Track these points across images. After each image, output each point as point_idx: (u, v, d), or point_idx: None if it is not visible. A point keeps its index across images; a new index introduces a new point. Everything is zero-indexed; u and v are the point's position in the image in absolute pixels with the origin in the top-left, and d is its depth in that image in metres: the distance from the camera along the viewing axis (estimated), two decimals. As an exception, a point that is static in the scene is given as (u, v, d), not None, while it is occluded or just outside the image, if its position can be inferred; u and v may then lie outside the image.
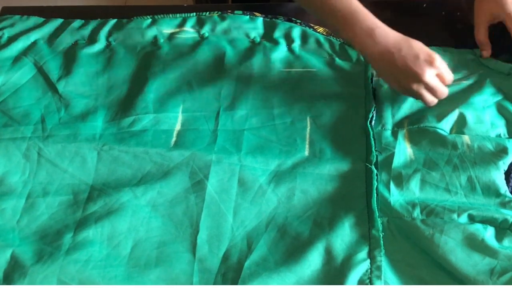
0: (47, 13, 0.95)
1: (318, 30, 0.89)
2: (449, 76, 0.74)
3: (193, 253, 0.66)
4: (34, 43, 0.90)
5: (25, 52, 0.89)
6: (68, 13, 0.95)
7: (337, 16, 0.75)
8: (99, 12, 0.95)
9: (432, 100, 0.74)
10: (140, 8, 0.96)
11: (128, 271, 0.65)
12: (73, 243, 0.67)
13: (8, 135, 0.77)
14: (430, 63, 0.71)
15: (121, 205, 0.70)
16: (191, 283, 0.64)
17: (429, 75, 0.71)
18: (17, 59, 0.87)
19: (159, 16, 0.92)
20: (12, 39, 0.90)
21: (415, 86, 0.72)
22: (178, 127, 0.78)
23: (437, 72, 0.72)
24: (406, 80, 0.72)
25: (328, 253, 0.65)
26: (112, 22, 0.92)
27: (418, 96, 0.74)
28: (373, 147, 0.73)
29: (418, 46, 0.72)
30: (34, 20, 0.93)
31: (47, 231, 0.69)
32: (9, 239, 0.68)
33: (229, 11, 0.92)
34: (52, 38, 0.91)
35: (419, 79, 0.71)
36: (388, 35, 0.73)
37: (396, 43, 0.72)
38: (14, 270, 0.65)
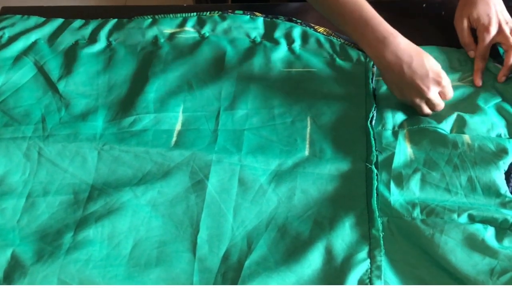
0: (47, 13, 0.95)
1: (319, 30, 0.89)
2: (451, 94, 0.76)
3: (193, 252, 0.66)
4: (35, 42, 0.90)
5: (26, 52, 0.89)
6: (68, 13, 0.95)
7: (348, 23, 0.75)
8: (99, 12, 0.95)
9: (428, 112, 0.76)
10: (140, 8, 0.96)
11: (129, 270, 0.65)
12: (73, 243, 0.67)
13: (8, 135, 0.77)
14: (438, 83, 0.73)
15: (121, 205, 0.70)
16: (191, 283, 0.64)
17: (433, 93, 0.74)
18: (17, 59, 0.87)
19: (159, 16, 0.92)
20: (12, 39, 0.90)
21: (417, 100, 0.75)
22: (178, 127, 0.78)
23: (441, 90, 0.74)
24: (410, 92, 0.74)
25: (329, 253, 0.65)
26: (113, 22, 0.93)
27: (417, 107, 0.76)
28: (373, 147, 0.73)
29: (429, 63, 0.73)
30: (34, 20, 0.94)
31: (48, 231, 0.69)
32: (9, 238, 0.68)
33: (230, 11, 0.92)
34: (52, 38, 0.91)
35: (423, 95, 0.73)
36: (400, 44, 0.72)
37: (407, 54, 0.72)
38: (15, 270, 0.65)
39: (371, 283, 0.63)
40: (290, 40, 0.88)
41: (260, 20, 0.91)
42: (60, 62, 0.87)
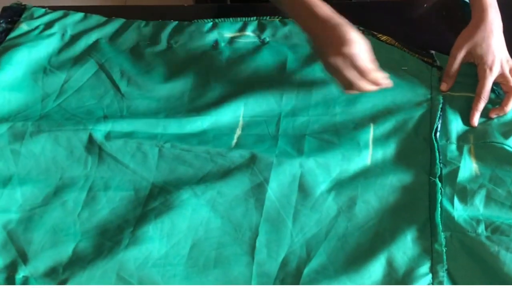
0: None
1: (382, 39, 0.86)
2: (361, 64, 0.69)
3: (251, 256, 0.66)
4: (96, 42, 0.91)
5: (88, 50, 0.89)
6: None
7: (287, 4, 0.74)
8: (99, 12, 0.94)
9: (343, 89, 0.72)
10: (140, 8, 0.94)
11: (187, 271, 0.65)
12: (132, 238, 0.67)
13: (71, 127, 0.77)
14: (338, 51, 0.68)
15: (181, 202, 0.70)
16: None
17: (335, 61, 0.69)
18: (79, 58, 0.88)
19: (219, 20, 0.92)
20: (75, 38, 0.91)
21: (330, 71, 0.72)
22: (238, 131, 0.77)
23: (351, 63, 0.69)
24: (322, 51, 0.71)
25: (390, 265, 0.64)
26: (173, 24, 0.92)
27: (337, 79, 0.72)
28: (438, 160, 0.71)
29: (339, 33, 0.68)
30: (96, 19, 0.94)
31: (107, 226, 0.69)
32: (71, 233, 0.69)
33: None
34: (114, 37, 0.91)
35: (328, 66, 0.70)
36: (328, 10, 0.71)
37: (333, 18, 0.70)
38: (75, 264, 0.66)
39: (433, 298, 0.61)
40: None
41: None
42: (121, 62, 0.88)
